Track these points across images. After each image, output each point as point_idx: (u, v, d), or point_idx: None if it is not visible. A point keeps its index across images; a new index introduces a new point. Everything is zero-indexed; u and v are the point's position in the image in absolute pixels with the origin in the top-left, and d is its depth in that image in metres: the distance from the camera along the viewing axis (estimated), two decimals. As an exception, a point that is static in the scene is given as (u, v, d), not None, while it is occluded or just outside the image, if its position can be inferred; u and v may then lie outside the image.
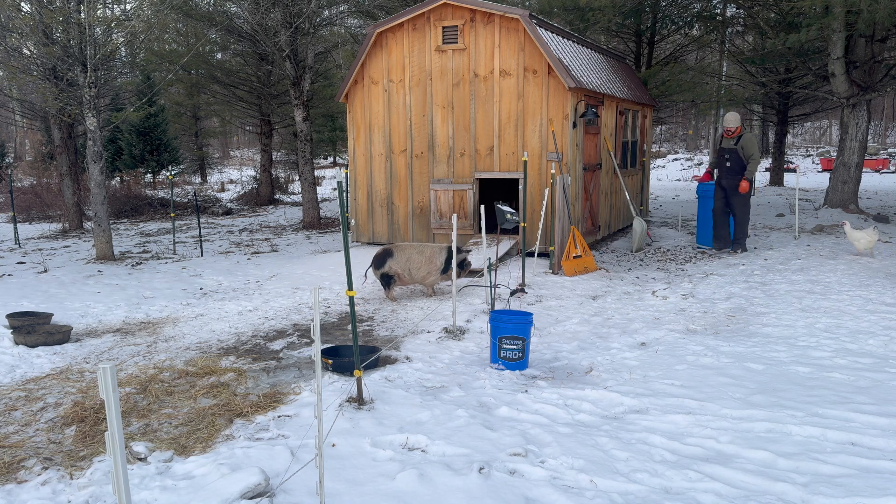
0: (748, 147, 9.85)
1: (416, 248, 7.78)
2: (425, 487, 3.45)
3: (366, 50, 10.51)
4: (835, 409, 4.37)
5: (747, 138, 9.89)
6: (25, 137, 41.61)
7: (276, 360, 5.70)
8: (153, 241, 13.54)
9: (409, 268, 7.65)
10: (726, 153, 10.04)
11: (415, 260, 7.67)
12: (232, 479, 3.43)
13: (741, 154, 9.91)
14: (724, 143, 10.18)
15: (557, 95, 9.52)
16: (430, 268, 7.66)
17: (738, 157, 9.93)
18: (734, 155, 9.96)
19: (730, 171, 10.05)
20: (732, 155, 9.98)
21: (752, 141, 9.87)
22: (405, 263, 7.65)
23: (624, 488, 3.46)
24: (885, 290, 7.71)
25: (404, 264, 7.65)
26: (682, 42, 20.28)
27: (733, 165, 10.01)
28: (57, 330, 6.36)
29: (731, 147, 10.01)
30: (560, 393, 4.75)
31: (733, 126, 9.99)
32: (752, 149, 9.86)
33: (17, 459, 3.84)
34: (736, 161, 9.98)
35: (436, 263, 7.67)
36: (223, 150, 49.65)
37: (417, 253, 7.71)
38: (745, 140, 9.87)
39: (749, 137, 9.87)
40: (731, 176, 10.03)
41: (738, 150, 9.92)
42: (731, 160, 10.01)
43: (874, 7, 10.73)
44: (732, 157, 9.98)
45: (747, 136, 9.90)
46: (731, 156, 9.99)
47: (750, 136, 9.88)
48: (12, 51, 11.09)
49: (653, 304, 7.51)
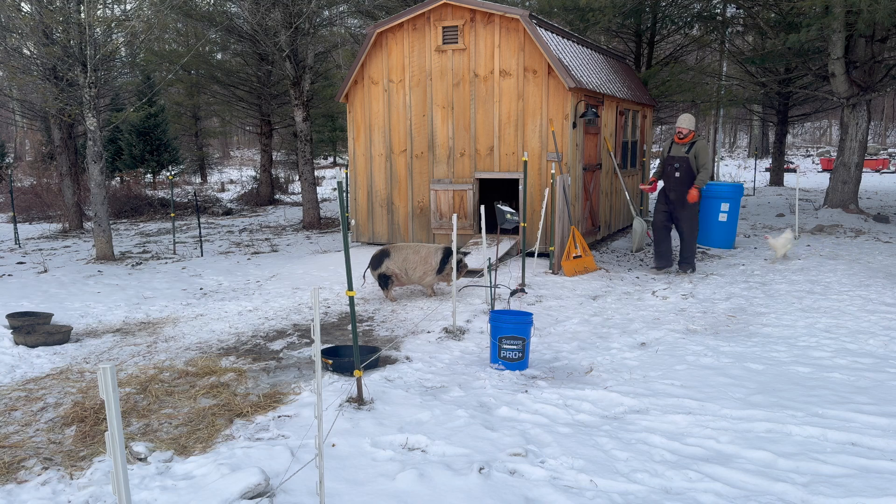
0: (702, 155, 8.75)
1: (413, 249, 7.78)
2: (425, 487, 3.45)
3: (366, 50, 10.51)
4: (835, 409, 4.37)
5: (701, 146, 8.80)
6: (25, 137, 41.60)
7: (276, 360, 5.69)
8: (153, 241, 13.54)
9: (405, 268, 7.65)
10: (676, 161, 8.87)
11: (411, 260, 7.66)
12: (232, 479, 3.43)
13: (692, 163, 8.78)
14: (675, 149, 8.96)
15: (557, 95, 9.52)
16: (426, 268, 7.65)
17: (689, 166, 8.76)
18: (685, 164, 8.80)
19: (678, 182, 8.86)
20: (683, 164, 8.82)
21: (706, 149, 8.81)
22: (402, 264, 7.65)
23: (624, 488, 3.46)
24: (885, 290, 7.71)
25: (401, 264, 7.64)
26: (682, 42, 20.28)
27: (683, 176, 8.80)
28: (57, 330, 6.36)
29: (681, 154, 8.86)
30: (560, 393, 4.75)
31: (687, 129, 8.83)
32: (706, 158, 8.78)
33: (17, 459, 3.84)
34: (686, 171, 8.80)
35: (431, 264, 7.65)
36: (223, 150, 49.64)
37: (413, 253, 7.70)
38: (699, 148, 8.77)
39: (703, 145, 8.82)
40: (679, 187, 8.86)
41: (689, 159, 8.76)
42: (681, 169, 8.83)
43: (874, 7, 10.73)
44: (683, 166, 8.82)
45: (701, 144, 8.81)
46: (682, 165, 8.83)
47: (704, 143, 8.85)
48: (12, 51, 11.09)
49: (653, 304, 7.51)
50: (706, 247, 11.05)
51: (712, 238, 11.06)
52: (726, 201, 10.85)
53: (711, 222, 11.04)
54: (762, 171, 28.29)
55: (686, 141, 8.81)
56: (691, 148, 8.79)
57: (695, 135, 8.86)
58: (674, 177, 8.86)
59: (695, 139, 8.81)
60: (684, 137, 8.80)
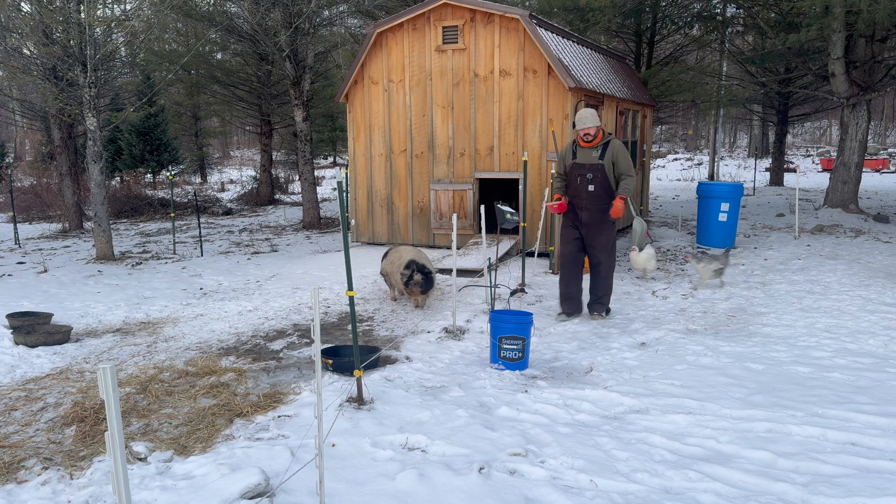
0: (622, 159, 6.55)
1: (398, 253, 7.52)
2: (425, 487, 3.45)
3: (366, 50, 10.51)
4: (835, 409, 4.37)
5: (618, 147, 6.59)
6: (25, 137, 41.60)
7: (276, 360, 5.69)
8: (153, 241, 13.53)
9: (391, 271, 7.55)
10: (587, 170, 6.58)
11: (395, 264, 7.44)
12: (232, 479, 3.43)
13: (609, 172, 6.55)
14: (582, 154, 6.66)
15: (557, 95, 9.52)
16: (398, 277, 7.32)
17: (606, 175, 6.54)
18: (599, 173, 6.53)
19: (593, 198, 6.56)
20: (597, 173, 6.53)
21: (625, 150, 6.63)
22: (389, 266, 7.60)
23: (624, 488, 3.46)
24: (885, 290, 7.71)
25: (389, 267, 7.60)
26: (682, 42, 20.27)
27: (598, 189, 6.53)
28: (57, 330, 6.36)
29: (593, 161, 6.56)
30: (560, 393, 4.75)
31: (594, 128, 6.54)
32: (627, 161, 6.58)
33: (17, 459, 3.84)
34: (603, 182, 6.54)
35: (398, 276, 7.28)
36: (223, 150, 49.64)
37: (397, 258, 7.45)
38: (616, 150, 6.56)
39: (620, 146, 6.62)
40: (595, 204, 6.58)
41: (605, 167, 6.53)
42: (596, 181, 6.54)
43: (874, 7, 10.73)
44: (597, 175, 6.53)
45: (617, 145, 6.60)
46: (596, 174, 6.53)
47: (620, 144, 6.65)
48: (12, 51, 11.08)
49: (653, 303, 7.51)
50: (706, 247, 11.05)
51: (712, 238, 11.07)
52: (726, 201, 10.85)
53: (711, 222, 11.04)
54: (762, 171, 28.29)
55: (596, 143, 6.58)
56: (605, 151, 6.57)
57: (604, 133, 6.66)
58: (586, 191, 6.57)
59: (607, 139, 6.62)
60: (592, 139, 6.57)
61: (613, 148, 6.58)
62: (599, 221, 6.61)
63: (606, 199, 6.55)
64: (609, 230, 6.68)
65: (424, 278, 7.06)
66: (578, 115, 6.58)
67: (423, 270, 7.05)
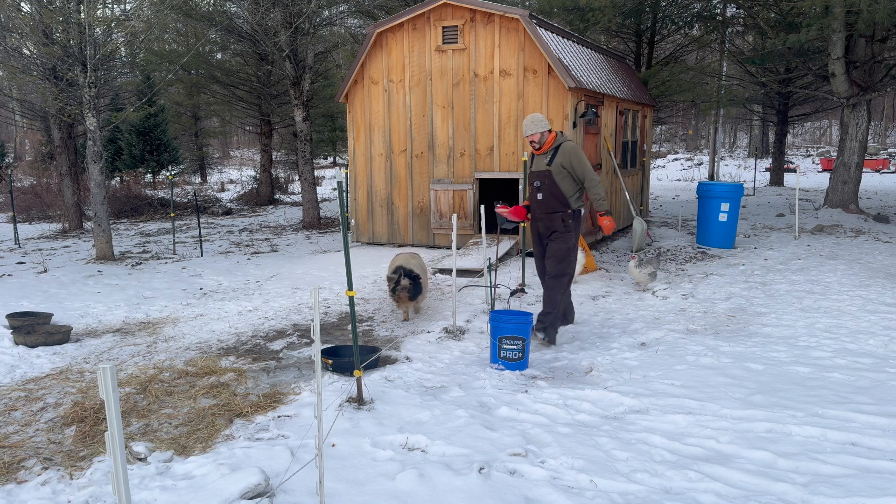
0: (577, 164, 5.96)
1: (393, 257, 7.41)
2: (425, 487, 3.45)
3: (366, 50, 10.51)
4: (835, 409, 4.37)
5: (569, 151, 5.97)
6: (25, 137, 41.61)
7: (276, 360, 5.69)
8: (153, 241, 13.53)
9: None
10: (535, 178, 6.18)
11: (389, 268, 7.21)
12: (232, 479, 3.43)
13: (558, 179, 5.98)
14: (535, 162, 6.24)
15: (557, 95, 9.52)
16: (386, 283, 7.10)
17: (553, 183, 5.99)
18: (546, 181, 6.03)
19: (542, 206, 6.12)
20: (544, 181, 6.05)
21: (578, 154, 5.99)
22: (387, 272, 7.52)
23: (624, 488, 3.46)
24: (885, 291, 7.71)
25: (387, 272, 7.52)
26: (682, 42, 20.28)
27: (546, 198, 6.06)
28: (57, 330, 6.36)
29: (542, 169, 6.08)
30: (560, 393, 4.75)
31: (537, 134, 6.04)
32: (583, 166, 5.97)
33: (17, 459, 3.84)
34: (550, 190, 6.02)
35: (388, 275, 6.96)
36: (223, 150, 49.65)
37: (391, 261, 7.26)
38: (568, 154, 5.96)
39: (570, 149, 5.98)
40: (544, 214, 6.12)
41: (552, 174, 5.99)
42: (543, 189, 6.07)
43: (874, 7, 10.73)
44: (544, 183, 6.05)
45: (568, 148, 5.99)
46: (543, 182, 6.06)
47: (572, 146, 6.01)
48: (12, 51, 11.08)
49: (653, 303, 7.51)
50: (706, 247, 11.06)
51: (712, 238, 11.07)
52: (726, 201, 10.85)
53: (711, 222, 11.05)
54: (762, 171, 28.30)
55: (545, 149, 6.09)
56: (555, 157, 6.00)
57: (556, 136, 6.10)
58: (536, 200, 6.18)
59: (558, 142, 6.06)
60: (539, 146, 6.09)
61: (564, 152, 5.99)
62: (551, 230, 6.14)
63: (558, 206, 6.04)
64: (562, 239, 6.07)
65: (412, 284, 6.57)
66: (524, 121, 6.18)
67: (410, 275, 6.58)
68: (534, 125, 6.05)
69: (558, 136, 6.15)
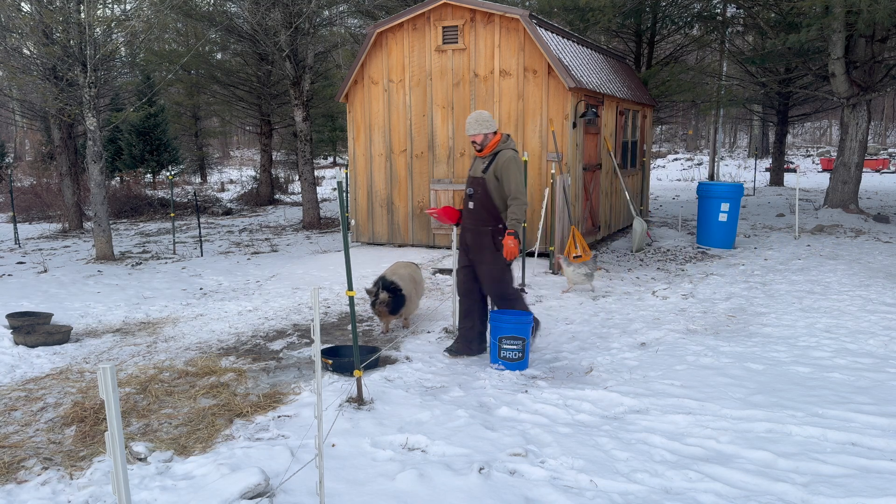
0: (507, 176, 5.34)
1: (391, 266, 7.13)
2: (425, 487, 3.45)
3: (366, 50, 10.51)
4: (835, 409, 4.37)
5: (505, 161, 5.36)
6: (25, 137, 41.61)
7: (276, 360, 5.69)
8: (153, 241, 13.53)
9: None
10: (469, 184, 5.58)
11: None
12: (232, 479, 3.43)
13: (492, 188, 5.40)
14: (474, 165, 5.63)
15: (557, 95, 9.52)
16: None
17: (487, 192, 5.42)
18: (480, 189, 5.45)
19: (472, 217, 5.55)
20: (478, 189, 5.46)
21: (513, 166, 5.35)
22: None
23: (624, 488, 3.46)
24: (885, 291, 7.71)
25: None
26: (682, 42, 20.29)
27: (477, 207, 5.48)
28: (57, 330, 6.36)
29: (477, 175, 5.50)
30: (560, 393, 4.75)
31: (479, 135, 5.45)
32: (515, 179, 5.35)
33: (17, 459, 3.84)
34: (483, 200, 5.45)
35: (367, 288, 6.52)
36: (223, 150, 49.66)
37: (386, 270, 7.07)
38: (503, 164, 5.36)
39: (508, 159, 5.37)
40: (474, 224, 5.54)
41: (486, 181, 5.42)
42: (475, 198, 5.49)
43: (874, 7, 10.73)
44: (478, 191, 5.47)
45: (505, 158, 5.38)
46: (476, 190, 5.48)
47: (511, 156, 5.39)
48: (12, 51, 11.08)
49: (653, 304, 7.51)
50: (706, 247, 11.06)
51: (712, 238, 11.08)
52: (726, 201, 10.86)
53: (711, 222, 11.05)
54: (762, 171, 28.30)
55: (486, 153, 5.49)
56: (491, 164, 5.42)
57: (501, 139, 5.49)
58: (467, 208, 5.60)
59: (498, 148, 5.46)
60: (481, 148, 5.50)
61: (500, 161, 5.37)
62: (481, 246, 5.48)
63: (489, 220, 5.42)
64: (493, 260, 5.44)
65: (392, 297, 6.07)
66: (467, 119, 5.53)
67: (389, 288, 6.09)
68: (477, 125, 5.43)
69: (503, 139, 5.51)
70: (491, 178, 5.41)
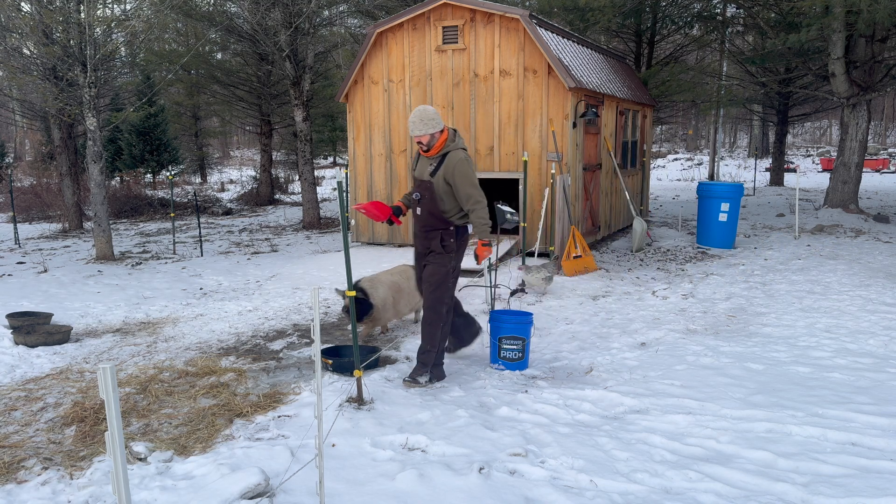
0: (460, 180, 4.87)
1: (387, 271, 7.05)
2: (425, 487, 3.45)
3: (366, 50, 10.51)
4: (835, 409, 4.37)
5: (454, 164, 4.88)
6: (25, 137, 41.61)
7: (276, 360, 5.69)
8: (153, 241, 13.53)
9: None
10: (417, 188, 5.12)
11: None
12: (232, 479, 3.43)
13: (439, 194, 4.96)
14: (419, 166, 5.13)
15: (557, 95, 9.52)
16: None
17: (434, 197, 4.97)
18: (428, 193, 5.00)
19: (420, 222, 5.14)
20: (426, 192, 5.01)
21: (464, 168, 4.88)
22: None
23: (624, 488, 3.46)
24: (885, 290, 7.71)
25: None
26: (682, 42, 20.29)
27: (424, 212, 5.06)
28: (57, 330, 6.36)
29: (424, 178, 5.04)
30: (560, 393, 4.75)
31: (426, 136, 4.90)
32: (468, 184, 4.89)
33: (17, 459, 3.84)
34: (429, 205, 5.02)
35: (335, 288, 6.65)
36: (223, 150, 49.65)
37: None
38: (452, 168, 4.88)
39: (457, 161, 4.88)
40: (422, 230, 5.13)
41: (434, 185, 4.96)
42: (423, 202, 5.05)
43: (874, 7, 10.73)
44: (426, 196, 5.02)
45: (454, 160, 4.89)
46: (424, 194, 5.03)
47: (460, 158, 4.90)
48: (12, 51, 11.08)
49: (653, 304, 7.51)
50: (706, 247, 11.06)
51: (712, 238, 11.08)
52: (726, 201, 10.86)
53: (711, 222, 11.05)
54: (762, 171, 28.30)
55: (433, 153, 4.98)
56: (440, 166, 4.94)
57: (448, 138, 4.97)
58: (415, 213, 5.16)
59: (446, 148, 4.95)
60: (427, 148, 4.97)
61: (449, 164, 4.89)
62: (428, 250, 5.11)
63: (438, 223, 5.02)
64: (439, 262, 5.03)
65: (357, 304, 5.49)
66: (410, 117, 4.95)
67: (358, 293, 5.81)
68: (423, 125, 4.86)
69: (450, 138, 4.98)
70: (439, 182, 4.93)
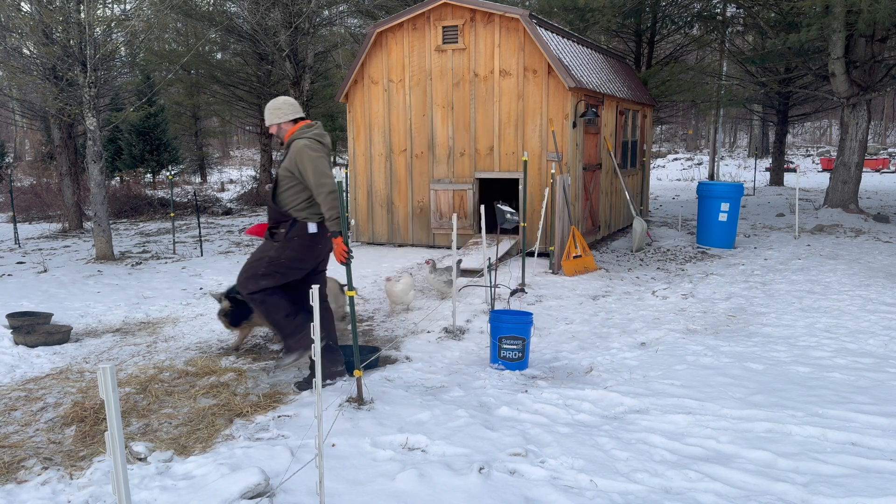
0: (302, 167, 4.60)
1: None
2: (425, 487, 3.45)
3: (366, 50, 10.51)
4: (835, 409, 4.37)
5: (298, 151, 4.62)
6: (25, 137, 41.61)
7: (276, 360, 5.69)
8: (153, 241, 13.53)
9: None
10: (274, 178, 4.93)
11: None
12: (232, 479, 3.43)
13: (283, 186, 4.76)
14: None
15: (557, 95, 9.52)
16: None
17: (276, 190, 4.85)
18: (273, 184, 4.87)
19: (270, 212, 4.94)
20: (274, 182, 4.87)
21: (309, 154, 4.58)
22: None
23: (624, 488, 3.46)
24: (885, 290, 7.71)
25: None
26: (682, 42, 20.30)
27: (269, 209, 4.94)
28: (57, 330, 6.36)
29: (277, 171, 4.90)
30: (560, 393, 4.75)
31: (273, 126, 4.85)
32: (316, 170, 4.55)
33: (17, 459, 3.84)
34: (271, 198, 4.91)
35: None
36: (223, 150, 49.66)
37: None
38: (296, 155, 4.63)
39: (300, 148, 4.61)
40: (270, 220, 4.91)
41: (278, 176, 4.82)
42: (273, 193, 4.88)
43: (874, 7, 10.73)
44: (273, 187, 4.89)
45: (297, 148, 4.64)
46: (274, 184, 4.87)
47: (303, 145, 4.61)
48: (12, 51, 11.08)
49: (653, 303, 7.51)
50: (706, 247, 11.06)
51: (712, 238, 11.08)
52: (726, 201, 10.86)
53: (711, 222, 11.05)
54: (762, 171, 28.30)
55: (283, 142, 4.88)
56: (285, 157, 4.79)
57: (299, 129, 4.74)
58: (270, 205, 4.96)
59: (292, 138, 4.74)
60: (281, 141, 4.86)
61: (293, 152, 4.63)
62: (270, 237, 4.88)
63: (279, 217, 4.77)
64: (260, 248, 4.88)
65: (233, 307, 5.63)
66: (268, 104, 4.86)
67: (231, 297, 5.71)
68: (269, 114, 4.75)
69: (302, 129, 4.72)
70: (283, 173, 4.71)
